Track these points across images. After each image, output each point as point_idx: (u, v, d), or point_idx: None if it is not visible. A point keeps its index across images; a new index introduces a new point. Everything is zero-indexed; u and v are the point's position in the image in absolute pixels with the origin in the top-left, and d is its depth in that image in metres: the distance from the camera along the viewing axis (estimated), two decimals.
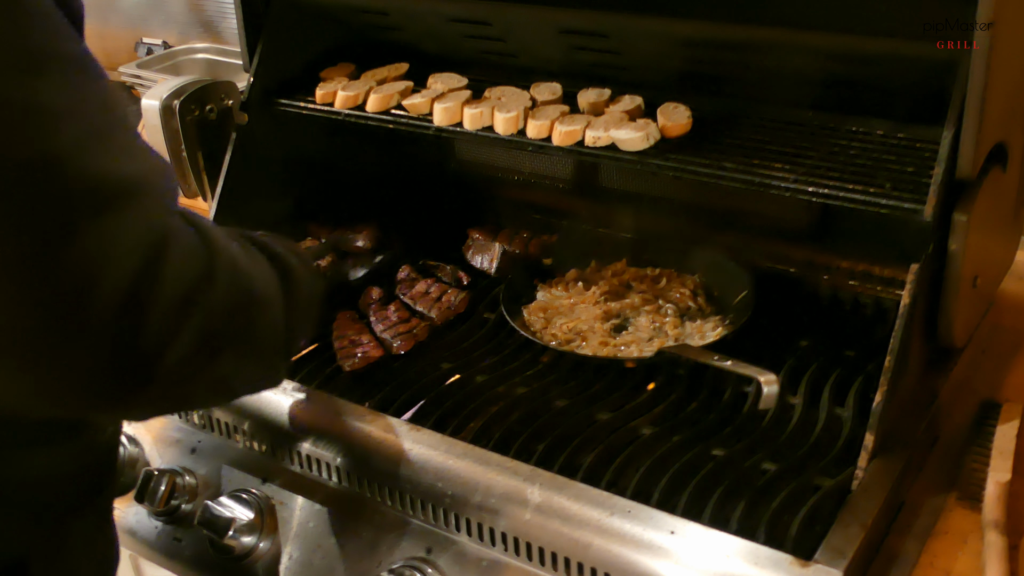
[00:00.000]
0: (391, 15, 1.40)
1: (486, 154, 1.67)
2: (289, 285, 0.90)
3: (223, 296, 0.75)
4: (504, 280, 1.43)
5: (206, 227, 0.77)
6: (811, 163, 1.08)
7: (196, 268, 0.73)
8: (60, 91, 0.67)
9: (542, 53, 1.33)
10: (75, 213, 0.65)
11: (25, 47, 0.65)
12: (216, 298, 0.74)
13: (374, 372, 1.26)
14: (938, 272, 1.00)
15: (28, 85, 0.65)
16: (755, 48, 1.15)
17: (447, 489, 1.05)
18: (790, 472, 1.02)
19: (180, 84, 1.55)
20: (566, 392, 1.20)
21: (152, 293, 0.68)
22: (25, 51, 0.65)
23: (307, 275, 0.97)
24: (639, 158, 1.15)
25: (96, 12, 2.59)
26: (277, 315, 0.86)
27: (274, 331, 0.86)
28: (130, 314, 0.67)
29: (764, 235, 1.42)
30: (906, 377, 1.02)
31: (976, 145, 0.94)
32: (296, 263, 0.95)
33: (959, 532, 1.01)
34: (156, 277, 0.69)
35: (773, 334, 1.27)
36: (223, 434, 1.24)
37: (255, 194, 1.46)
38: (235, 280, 0.78)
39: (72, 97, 0.68)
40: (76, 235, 0.65)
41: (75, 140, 0.67)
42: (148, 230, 0.69)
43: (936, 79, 0.99)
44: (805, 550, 0.90)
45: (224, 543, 1.13)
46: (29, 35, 0.66)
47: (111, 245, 0.66)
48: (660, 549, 0.94)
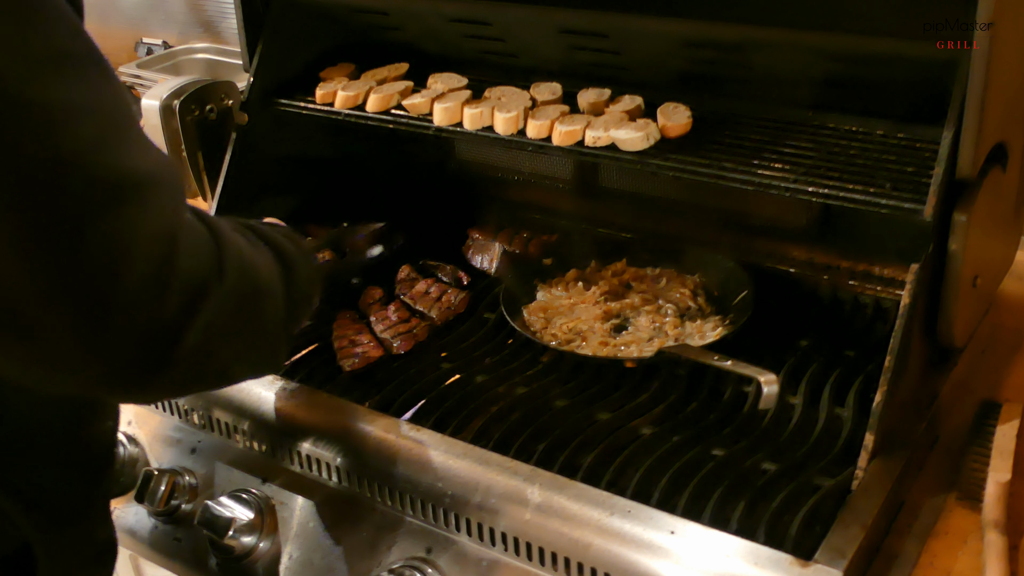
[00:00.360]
0: (391, 15, 1.41)
1: (486, 154, 1.67)
2: (289, 273, 0.94)
3: (232, 286, 0.79)
4: (504, 280, 1.43)
5: (214, 221, 0.81)
6: (811, 163, 1.08)
7: (207, 260, 0.77)
8: (78, 88, 0.69)
9: (542, 53, 1.33)
10: (96, 205, 0.68)
11: (44, 47, 0.67)
12: (226, 288, 0.78)
13: (374, 372, 1.26)
14: (938, 272, 1.00)
15: (48, 84, 0.67)
16: (755, 48, 1.15)
17: (447, 489, 1.05)
18: (790, 472, 1.02)
19: (180, 84, 1.55)
20: (566, 392, 1.20)
21: (169, 281, 0.72)
22: (44, 51, 0.67)
23: (305, 263, 1.00)
24: (639, 158, 1.15)
25: (96, 12, 2.58)
26: (279, 304, 0.90)
27: (276, 319, 0.90)
28: (150, 302, 0.71)
29: (764, 235, 1.42)
30: (906, 377, 1.02)
31: (976, 145, 0.94)
32: (295, 251, 0.98)
33: (959, 532, 1.01)
34: (172, 267, 0.72)
35: (773, 334, 1.27)
36: (223, 434, 1.24)
37: (255, 194, 1.46)
38: (242, 272, 0.82)
39: (89, 94, 0.70)
40: (98, 226, 0.68)
41: (94, 136, 0.69)
42: (163, 222, 0.72)
43: (936, 79, 0.99)
44: (805, 550, 0.90)
45: (224, 543, 1.13)
46: (47, 35, 0.68)
47: (131, 236, 0.69)
48: (660, 549, 0.94)
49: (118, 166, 0.70)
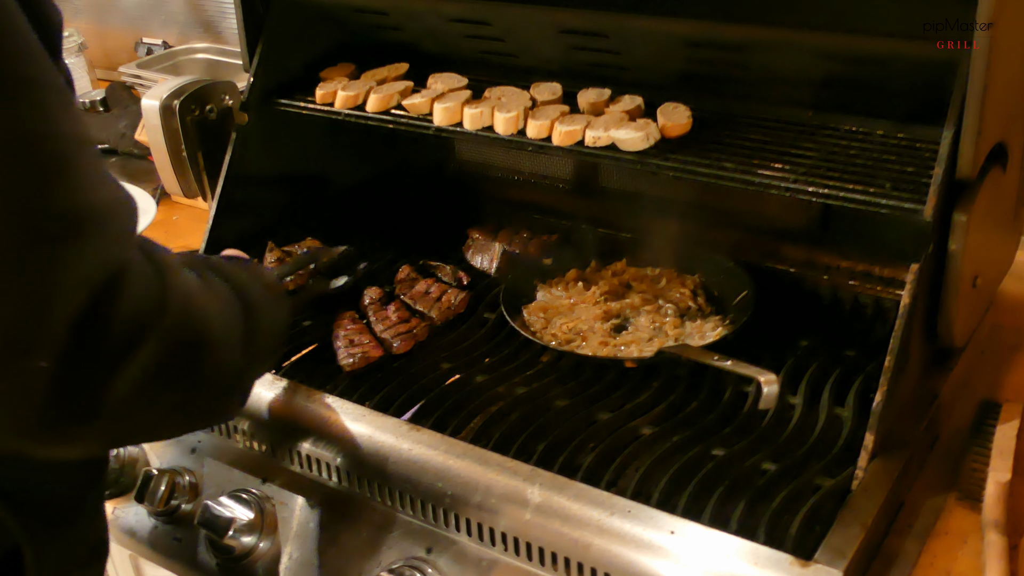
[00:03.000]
0: (391, 15, 1.41)
1: (486, 154, 1.67)
2: (250, 317, 0.89)
3: (173, 333, 0.74)
4: (504, 280, 1.43)
5: (164, 261, 0.76)
6: (811, 163, 1.08)
7: (148, 304, 0.72)
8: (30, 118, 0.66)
9: (542, 53, 1.33)
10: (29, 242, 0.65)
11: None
12: (166, 336, 0.73)
13: (374, 372, 1.26)
14: (938, 272, 1.00)
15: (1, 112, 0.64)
16: (755, 48, 1.15)
17: (447, 489, 1.05)
18: (790, 472, 1.02)
19: (180, 84, 1.55)
20: (566, 392, 1.20)
21: (101, 328, 0.68)
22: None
23: (270, 306, 0.96)
24: (639, 158, 1.15)
25: (96, 12, 2.60)
26: (232, 351, 0.85)
27: (225, 369, 0.83)
28: (77, 347, 0.67)
29: (764, 235, 1.42)
30: (906, 377, 1.02)
31: (976, 145, 0.94)
32: (259, 293, 0.93)
33: (959, 532, 1.01)
34: (106, 312, 0.68)
35: (773, 334, 1.27)
36: (223, 434, 1.24)
37: (255, 194, 1.46)
38: (187, 318, 0.76)
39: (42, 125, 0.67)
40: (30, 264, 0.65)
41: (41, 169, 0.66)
42: (103, 264, 0.68)
43: (936, 79, 0.99)
44: (805, 550, 0.90)
45: (224, 543, 1.13)
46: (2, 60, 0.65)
47: (63, 276, 0.66)
48: (660, 549, 0.94)
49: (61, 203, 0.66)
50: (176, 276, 0.76)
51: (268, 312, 0.94)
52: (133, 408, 0.72)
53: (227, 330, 0.84)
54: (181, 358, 0.76)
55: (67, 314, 0.66)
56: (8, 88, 0.65)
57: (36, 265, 0.65)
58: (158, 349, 0.72)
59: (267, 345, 0.95)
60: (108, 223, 0.70)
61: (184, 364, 0.76)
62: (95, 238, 0.68)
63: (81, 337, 0.67)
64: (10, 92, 0.65)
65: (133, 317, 0.70)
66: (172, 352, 0.74)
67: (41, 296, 0.65)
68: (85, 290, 0.67)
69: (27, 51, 0.67)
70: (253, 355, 0.90)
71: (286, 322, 1.03)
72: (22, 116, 0.66)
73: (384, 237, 1.58)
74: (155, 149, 1.58)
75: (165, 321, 0.73)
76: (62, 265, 0.66)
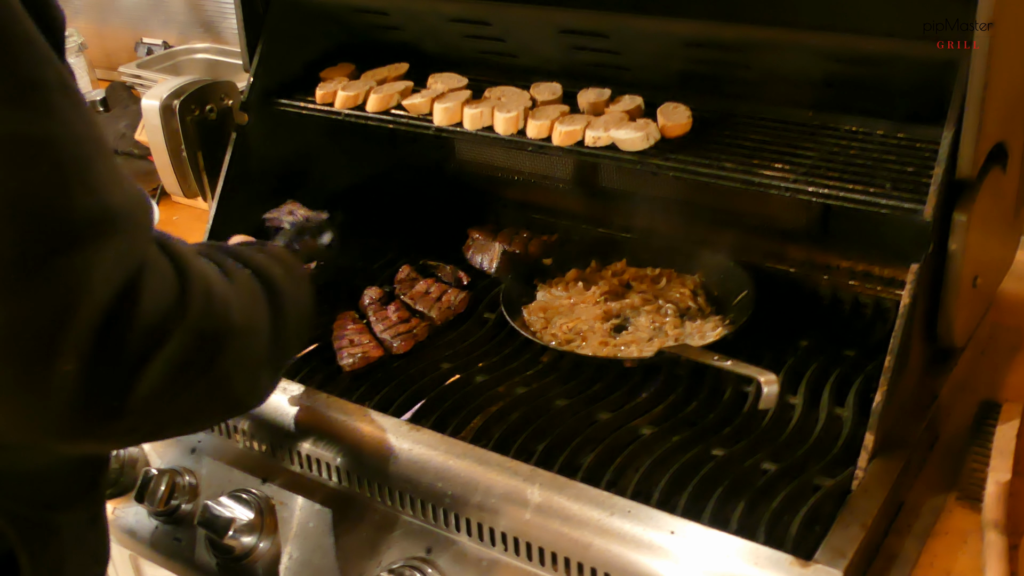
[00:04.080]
0: (391, 15, 1.41)
1: (486, 154, 1.67)
2: (276, 300, 0.89)
3: (195, 326, 0.74)
4: (504, 280, 1.43)
5: (181, 253, 0.76)
6: (811, 163, 1.08)
7: (169, 299, 0.72)
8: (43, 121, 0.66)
9: (542, 53, 1.33)
10: (52, 245, 0.65)
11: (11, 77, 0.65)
12: (188, 328, 0.73)
13: (374, 372, 1.26)
14: (938, 272, 1.00)
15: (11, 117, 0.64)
16: (755, 48, 1.15)
17: (447, 489, 1.05)
18: (790, 472, 1.02)
19: (180, 84, 1.55)
20: (566, 392, 1.20)
21: (125, 326, 0.68)
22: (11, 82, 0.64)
23: (294, 287, 0.96)
24: (639, 158, 1.15)
25: (96, 12, 2.60)
26: (258, 336, 0.85)
27: (253, 355, 0.84)
28: (102, 348, 0.67)
29: (764, 235, 1.42)
30: (906, 377, 1.02)
31: (976, 145, 0.94)
32: (280, 275, 0.93)
33: (959, 532, 1.01)
34: (129, 311, 0.68)
35: (773, 334, 1.27)
36: (223, 434, 1.24)
37: (255, 194, 1.46)
38: (208, 308, 0.76)
39: (54, 127, 0.67)
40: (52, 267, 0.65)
41: (61, 172, 0.66)
42: (125, 263, 0.68)
43: (936, 79, 0.99)
44: (805, 550, 0.90)
45: (224, 543, 1.13)
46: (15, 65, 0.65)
47: (86, 278, 0.66)
48: (660, 549, 0.94)
49: (78, 205, 0.66)
50: (194, 267, 0.76)
51: (292, 292, 0.94)
52: (160, 403, 0.72)
53: (251, 316, 0.84)
54: (205, 349, 0.76)
55: (92, 316, 0.66)
56: (24, 93, 0.65)
57: (61, 269, 0.65)
58: (182, 342, 0.72)
59: (296, 325, 0.95)
60: (127, 222, 0.70)
61: (208, 355, 0.76)
62: (116, 238, 0.68)
63: (105, 337, 0.67)
64: (27, 97, 0.65)
65: (155, 313, 0.70)
66: (195, 344, 0.74)
67: (67, 301, 0.65)
68: (109, 291, 0.67)
69: (40, 55, 0.67)
70: (282, 337, 0.89)
71: (311, 298, 1.02)
72: (40, 120, 0.66)
73: (384, 237, 1.58)
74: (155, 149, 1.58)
75: (186, 314, 0.73)
76: (86, 268, 0.66)
